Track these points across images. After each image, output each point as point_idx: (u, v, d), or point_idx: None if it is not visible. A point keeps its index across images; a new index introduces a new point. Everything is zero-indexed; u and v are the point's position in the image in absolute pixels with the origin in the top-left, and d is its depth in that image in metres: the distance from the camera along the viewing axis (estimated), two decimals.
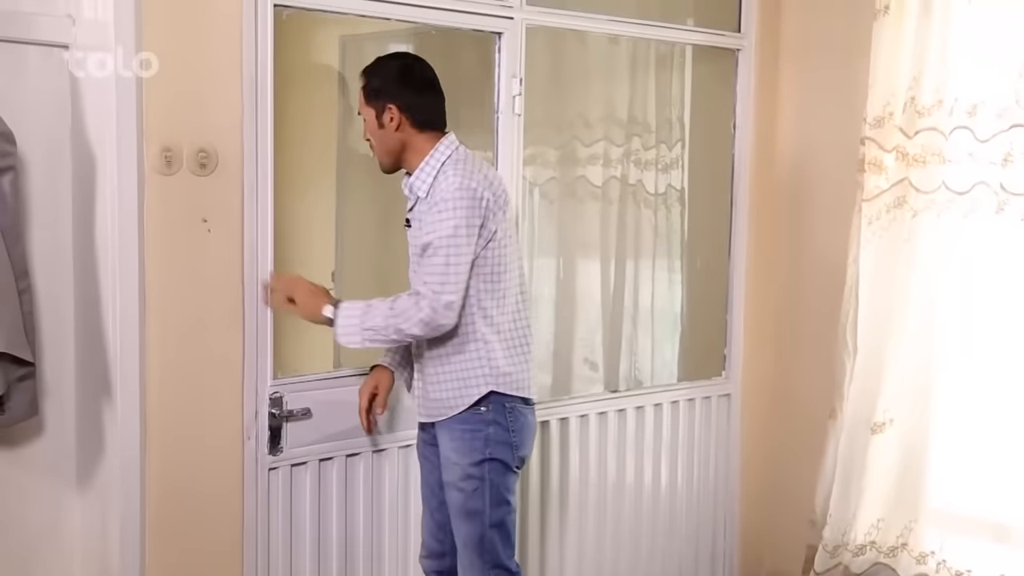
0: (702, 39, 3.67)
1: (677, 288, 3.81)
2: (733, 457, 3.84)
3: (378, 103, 2.60)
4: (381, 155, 2.66)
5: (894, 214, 3.30)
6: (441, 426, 2.68)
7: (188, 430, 2.65)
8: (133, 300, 2.52)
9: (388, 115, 2.59)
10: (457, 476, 2.65)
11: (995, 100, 3.08)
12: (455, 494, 2.66)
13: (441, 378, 2.65)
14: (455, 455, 2.65)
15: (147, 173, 2.53)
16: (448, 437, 2.66)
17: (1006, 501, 3.13)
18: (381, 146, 2.64)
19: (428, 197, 2.58)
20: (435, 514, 2.79)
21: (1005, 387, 3.14)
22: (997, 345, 3.16)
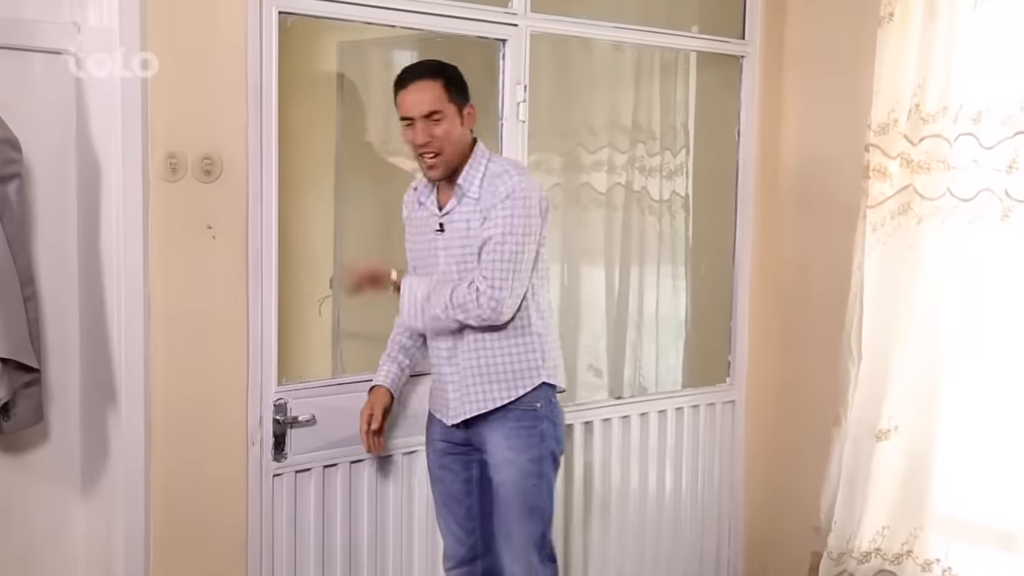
0: (706, 46, 3.67)
1: (681, 294, 3.81)
2: (737, 464, 3.83)
3: (462, 100, 2.59)
4: (454, 157, 2.58)
5: (899, 221, 3.29)
6: (488, 425, 2.65)
7: (192, 437, 2.65)
8: (138, 307, 2.53)
9: (467, 113, 2.60)
10: (516, 474, 2.63)
11: (1000, 107, 3.07)
12: (512, 493, 2.63)
13: (491, 371, 2.63)
14: (511, 452, 2.63)
15: (152, 180, 2.53)
16: (502, 435, 2.64)
17: (1012, 508, 3.12)
18: (456, 147, 2.58)
19: (480, 197, 2.57)
20: (463, 522, 2.77)
21: (1011, 394, 3.12)
22: (1002, 352, 3.15)
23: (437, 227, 2.64)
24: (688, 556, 3.73)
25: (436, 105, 2.54)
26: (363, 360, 3.30)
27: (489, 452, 2.67)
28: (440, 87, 2.55)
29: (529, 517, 2.65)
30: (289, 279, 2.92)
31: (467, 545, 2.79)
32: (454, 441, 2.75)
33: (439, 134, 2.55)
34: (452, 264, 2.63)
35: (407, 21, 2.95)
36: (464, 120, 2.59)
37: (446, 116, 2.55)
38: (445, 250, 2.64)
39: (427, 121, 2.54)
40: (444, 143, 2.56)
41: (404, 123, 2.59)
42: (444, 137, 2.55)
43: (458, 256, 2.61)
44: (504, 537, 2.67)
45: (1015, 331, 3.12)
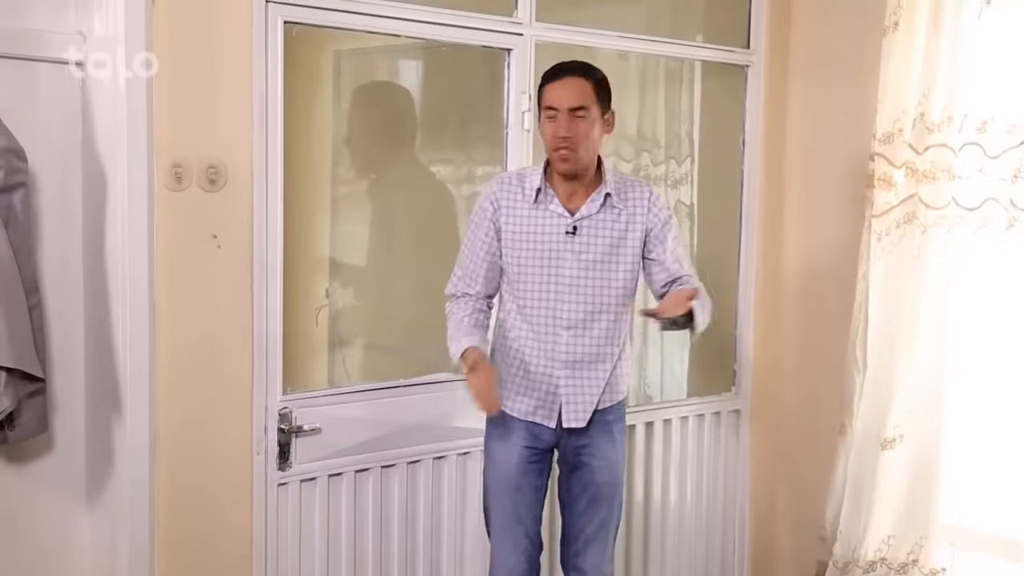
0: (711, 55, 3.67)
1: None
2: (743, 472, 3.82)
3: (606, 105, 2.65)
4: (587, 155, 2.62)
5: (904, 230, 3.28)
6: (596, 427, 2.72)
7: (197, 446, 2.65)
8: (143, 316, 2.53)
9: (607, 119, 2.66)
10: (618, 473, 2.80)
11: (1005, 116, 3.07)
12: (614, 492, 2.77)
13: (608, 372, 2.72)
14: (613, 453, 2.77)
15: (157, 189, 2.54)
16: (608, 438, 2.75)
17: (1018, 518, 3.11)
18: (591, 148, 2.63)
19: (623, 208, 2.68)
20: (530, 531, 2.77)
21: (1016, 402, 3.12)
22: (1008, 361, 3.14)
23: (569, 229, 2.66)
24: (694, 565, 3.72)
25: (583, 101, 2.58)
26: (367, 369, 3.31)
27: (594, 454, 2.74)
28: (590, 86, 2.61)
29: (618, 511, 2.82)
30: (293, 288, 2.92)
31: (528, 554, 2.77)
32: (541, 447, 2.75)
33: (581, 130, 2.59)
34: (583, 267, 2.66)
35: (412, 31, 2.95)
36: (604, 124, 2.66)
37: (590, 114, 2.59)
38: (575, 253, 2.66)
39: (572, 115, 2.58)
40: (582, 140, 2.59)
41: (547, 115, 2.62)
42: (583, 135, 2.59)
43: (594, 259, 2.66)
44: (603, 535, 2.77)
45: (1021, 340, 3.11)
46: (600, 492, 2.75)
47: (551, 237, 2.66)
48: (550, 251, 2.66)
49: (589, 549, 2.77)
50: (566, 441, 2.74)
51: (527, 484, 2.74)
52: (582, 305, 2.66)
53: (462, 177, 3.48)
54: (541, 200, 2.67)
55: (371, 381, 3.01)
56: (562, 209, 2.66)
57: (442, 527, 3.10)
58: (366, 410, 2.90)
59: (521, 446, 2.73)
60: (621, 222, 2.67)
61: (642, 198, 2.70)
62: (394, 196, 3.44)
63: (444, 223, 3.38)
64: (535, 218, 2.67)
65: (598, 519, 2.76)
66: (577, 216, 2.66)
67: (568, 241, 2.65)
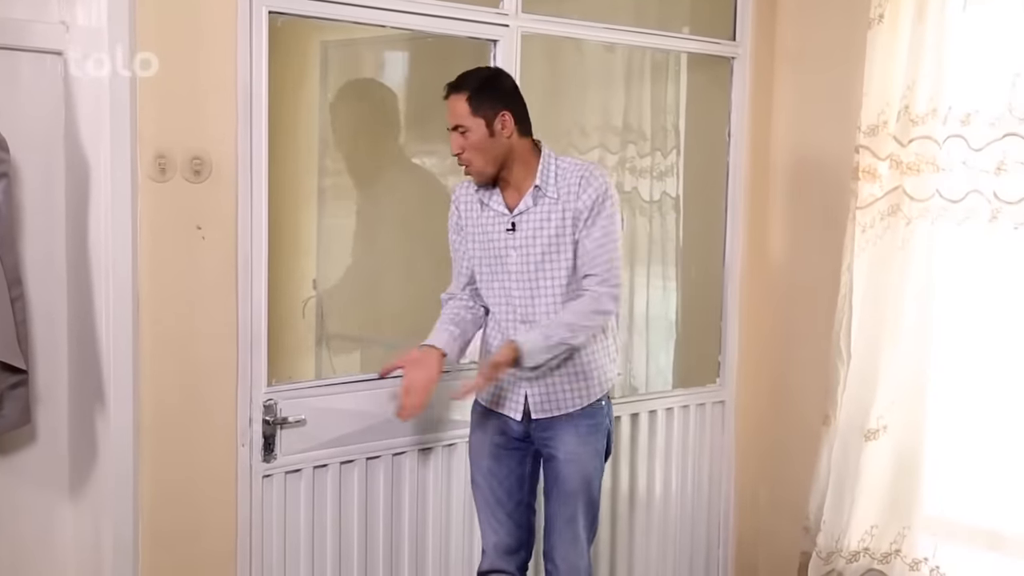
0: (697, 47, 3.67)
1: (672, 295, 3.82)
2: (727, 464, 3.84)
3: (490, 111, 2.64)
4: (486, 165, 2.67)
5: (888, 222, 3.30)
6: (560, 421, 2.74)
7: (182, 438, 2.64)
8: (126, 307, 2.52)
9: (500, 122, 2.65)
10: (583, 468, 2.75)
11: (989, 109, 3.08)
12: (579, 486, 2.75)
13: (576, 373, 2.72)
14: (580, 447, 2.75)
15: (141, 180, 2.52)
16: (573, 432, 2.75)
17: (1000, 508, 3.13)
18: (488, 155, 2.66)
19: (559, 196, 2.67)
20: (514, 515, 2.84)
21: (999, 394, 3.14)
22: (991, 352, 3.16)
23: (508, 227, 2.70)
24: (679, 555, 3.74)
25: (458, 120, 2.65)
26: (352, 361, 3.31)
27: (558, 447, 2.76)
28: (463, 101, 2.64)
29: (589, 506, 2.79)
30: (279, 280, 2.92)
31: (515, 537, 2.86)
32: (513, 436, 2.80)
33: (466, 146, 2.65)
34: (525, 262, 2.70)
35: (398, 21, 2.94)
36: (496, 129, 2.65)
37: (470, 129, 2.64)
38: (517, 248, 2.70)
39: (455, 133, 2.66)
40: (472, 154, 2.66)
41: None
42: (471, 148, 2.65)
43: (533, 253, 2.69)
44: (571, 529, 2.78)
45: (1004, 332, 3.13)
46: (566, 486, 2.76)
47: (497, 235, 2.73)
48: (497, 249, 2.73)
49: (560, 542, 2.79)
50: (534, 433, 2.78)
51: (502, 471, 2.82)
52: (531, 299, 2.71)
53: (447, 169, 3.47)
54: (485, 202, 2.74)
55: (357, 373, 3.01)
56: (503, 207, 2.72)
57: (427, 519, 3.10)
58: (351, 402, 2.89)
59: (492, 434, 2.82)
60: (557, 211, 2.67)
61: (575, 183, 2.67)
62: (381, 188, 3.44)
63: (431, 215, 3.37)
64: (483, 218, 2.76)
65: (566, 513, 2.77)
66: (515, 212, 2.70)
67: (510, 237, 2.71)
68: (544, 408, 2.75)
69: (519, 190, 2.72)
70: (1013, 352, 3.11)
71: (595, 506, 2.83)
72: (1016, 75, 3.01)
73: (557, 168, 2.71)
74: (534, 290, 2.71)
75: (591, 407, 2.77)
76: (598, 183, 2.67)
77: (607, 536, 3.53)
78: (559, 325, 2.65)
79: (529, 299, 2.71)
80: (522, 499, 2.84)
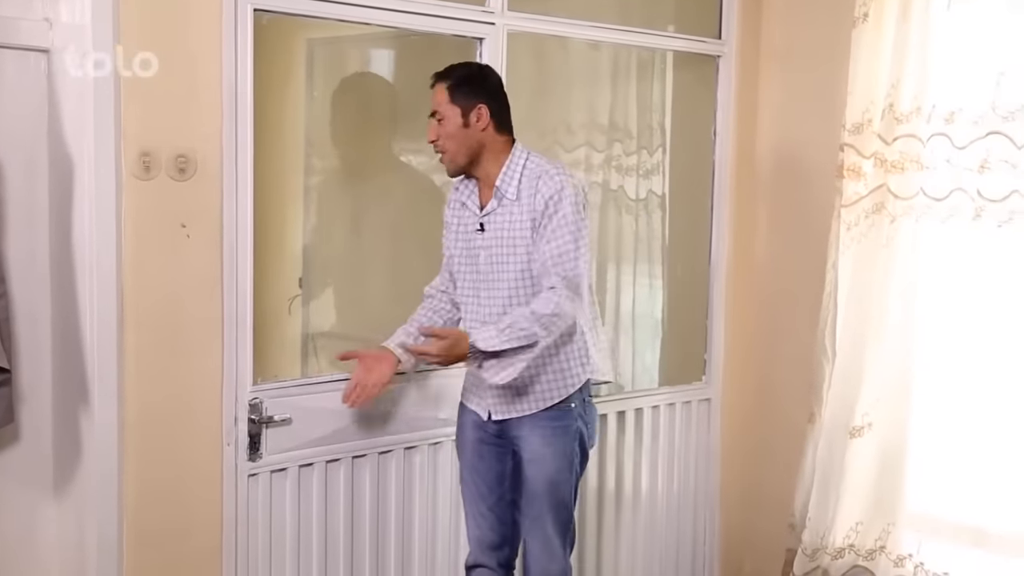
0: (683, 45, 3.68)
1: (658, 293, 3.82)
2: (713, 461, 3.85)
3: (467, 102, 2.65)
4: (457, 155, 2.68)
5: (873, 220, 3.31)
6: (523, 422, 2.73)
7: (166, 437, 2.63)
8: (111, 306, 2.51)
9: (476, 115, 2.66)
10: (549, 469, 2.73)
11: (972, 107, 3.09)
12: (544, 488, 2.73)
13: (535, 376, 2.70)
14: (545, 448, 2.73)
15: (125, 178, 2.51)
16: (537, 433, 2.73)
17: (983, 505, 3.15)
18: (461, 146, 2.67)
19: (519, 197, 2.66)
20: (496, 509, 2.84)
21: (983, 391, 3.16)
22: (975, 350, 3.18)
23: (478, 227, 2.72)
24: (665, 553, 3.75)
25: (437, 106, 2.67)
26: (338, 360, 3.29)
27: (523, 447, 2.75)
28: (444, 89, 2.67)
29: (557, 508, 2.76)
30: (265, 278, 2.91)
31: (498, 532, 2.86)
32: (489, 432, 2.81)
33: (441, 133, 2.67)
34: (491, 263, 2.71)
35: (383, 19, 2.94)
36: (471, 121, 2.65)
37: (446, 116, 2.66)
38: (485, 249, 2.72)
39: (433, 120, 2.68)
40: (446, 142, 2.67)
41: None
42: (445, 136, 2.67)
43: (497, 254, 2.70)
44: (538, 530, 2.76)
45: (987, 329, 3.15)
46: (530, 486, 2.74)
47: (470, 235, 2.75)
48: (470, 248, 2.75)
49: (531, 543, 2.78)
50: (504, 432, 2.78)
51: (483, 466, 2.82)
52: (496, 299, 2.71)
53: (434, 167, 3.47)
54: (465, 200, 2.77)
55: (342, 372, 3.00)
56: (477, 208, 2.74)
57: (413, 517, 3.10)
58: (337, 401, 2.88)
59: (472, 431, 2.83)
60: (519, 212, 2.67)
61: (533, 183, 2.65)
62: (368, 186, 3.43)
63: (418, 213, 3.38)
64: (462, 218, 2.79)
65: (532, 513, 2.76)
66: (483, 212, 2.72)
67: (480, 237, 2.72)
68: (501, 409, 2.74)
69: (491, 190, 2.72)
70: (996, 350, 3.12)
71: (565, 509, 2.78)
72: (1000, 74, 3.03)
73: (525, 168, 2.69)
74: (500, 290, 2.70)
75: (557, 409, 2.72)
76: (554, 182, 2.63)
77: (594, 533, 3.54)
78: (518, 314, 2.58)
79: (495, 299, 2.71)
80: (503, 495, 2.83)
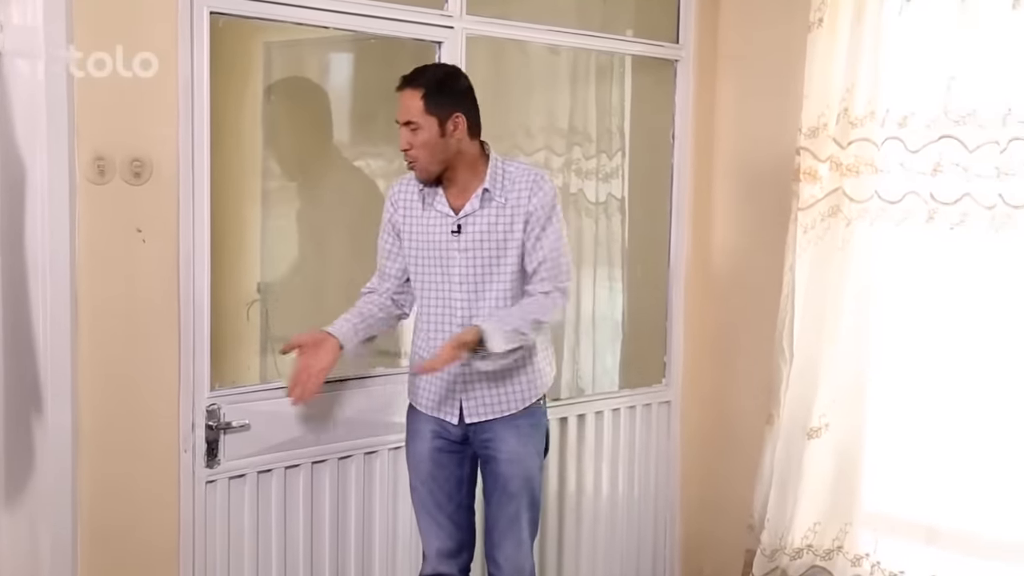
0: (641, 50, 3.70)
1: (618, 296, 3.84)
2: (673, 463, 3.87)
3: (443, 112, 2.62)
4: (432, 164, 2.65)
5: (829, 223, 3.35)
6: (501, 422, 2.74)
7: (122, 444, 2.60)
8: (64, 311, 2.48)
9: (453, 124, 2.63)
10: (525, 467, 2.76)
11: (925, 111, 3.14)
12: (522, 486, 2.75)
13: (512, 375, 2.72)
14: (522, 448, 2.76)
15: (79, 182, 2.48)
16: (513, 433, 2.74)
17: (937, 504, 3.19)
18: (436, 155, 2.64)
19: (506, 201, 2.67)
20: (454, 516, 2.83)
21: (936, 391, 3.20)
22: (928, 351, 3.22)
23: (454, 229, 2.69)
24: (625, 555, 3.76)
25: (411, 116, 2.62)
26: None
27: (499, 448, 2.75)
28: (418, 98, 2.61)
29: (531, 506, 2.80)
30: (223, 283, 2.88)
31: (456, 540, 2.85)
32: (451, 439, 2.79)
33: (415, 143, 2.63)
34: (471, 265, 2.69)
35: (341, 23, 2.93)
36: (447, 130, 2.63)
37: (422, 127, 2.61)
38: (462, 251, 2.69)
39: (406, 129, 2.63)
40: (420, 151, 2.63)
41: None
42: (420, 146, 2.63)
43: (480, 256, 2.68)
44: (515, 529, 2.78)
45: (941, 330, 3.19)
46: (508, 486, 2.76)
47: (440, 237, 2.71)
48: (440, 250, 2.71)
49: (503, 542, 2.79)
50: (473, 436, 2.78)
51: (442, 475, 2.80)
52: (473, 302, 2.70)
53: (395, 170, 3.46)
54: (428, 201, 2.72)
55: None
56: (448, 208, 2.71)
57: (374, 522, 3.09)
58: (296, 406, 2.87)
59: (431, 439, 2.80)
60: (505, 215, 2.67)
61: (525, 187, 2.67)
62: (326, 191, 3.42)
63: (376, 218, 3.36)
64: (425, 218, 2.73)
65: (508, 513, 2.77)
66: (460, 214, 2.69)
67: (455, 240, 2.69)
68: (479, 412, 2.74)
69: (465, 192, 2.70)
70: (949, 350, 3.17)
71: (537, 506, 2.84)
72: (951, 78, 3.07)
73: (504, 172, 2.70)
74: (479, 293, 2.69)
75: (531, 408, 2.77)
76: (548, 187, 2.69)
77: (554, 537, 3.55)
78: (517, 316, 2.64)
79: (473, 301, 2.70)
80: (462, 502, 2.84)
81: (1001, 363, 3.07)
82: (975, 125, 3.03)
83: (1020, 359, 3.04)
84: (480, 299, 2.70)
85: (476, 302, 2.70)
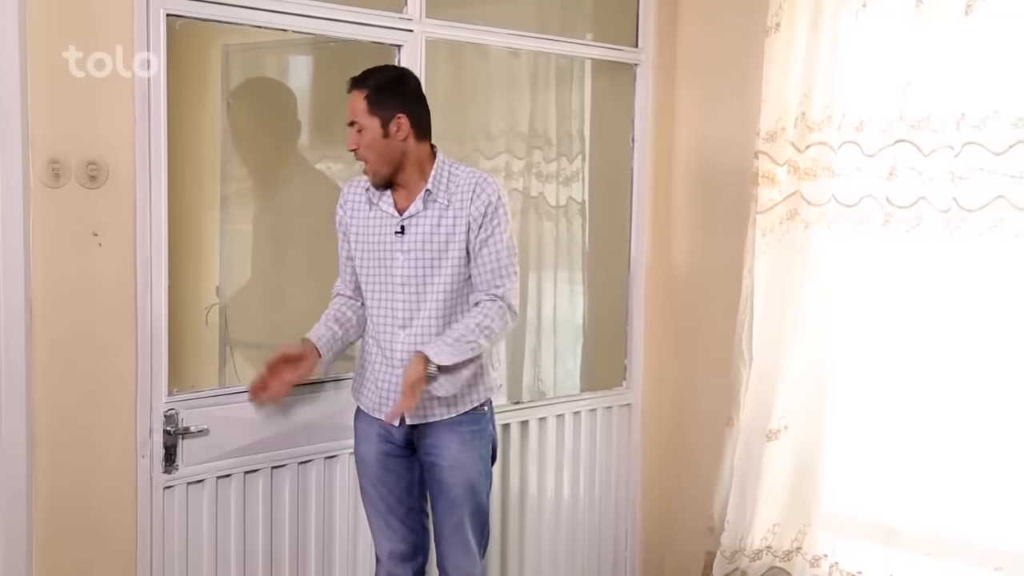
0: (601, 54, 3.71)
1: (579, 299, 3.85)
2: (634, 466, 3.88)
3: (385, 113, 2.62)
4: (379, 166, 2.66)
5: (787, 226, 3.38)
6: (440, 428, 2.72)
7: (78, 450, 2.57)
8: (19, 316, 2.44)
9: (396, 125, 2.63)
10: (468, 473, 2.75)
11: (881, 115, 3.17)
12: (465, 492, 2.75)
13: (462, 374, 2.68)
14: (465, 453, 2.75)
15: (33, 186, 2.45)
16: (455, 439, 2.74)
17: (894, 505, 3.22)
18: (382, 157, 2.65)
19: (449, 203, 2.66)
20: (406, 520, 2.83)
21: (893, 393, 3.23)
22: (885, 353, 3.26)
23: (397, 229, 2.69)
24: (586, 557, 3.77)
25: (355, 116, 2.64)
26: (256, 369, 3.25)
27: (441, 454, 2.74)
28: (362, 99, 2.63)
29: (477, 512, 2.79)
30: (181, 287, 2.86)
31: (410, 543, 2.85)
32: (396, 443, 2.78)
33: (360, 143, 2.65)
34: (412, 265, 2.69)
35: (300, 25, 2.91)
36: (391, 131, 2.63)
37: (366, 127, 2.63)
38: (405, 252, 2.69)
39: (352, 129, 2.66)
40: (367, 152, 2.65)
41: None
42: (365, 146, 2.65)
43: (422, 258, 2.68)
44: (460, 536, 2.77)
45: (898, 332, 3.23)
46: (451, 493, 2.75)
47: (384, 237, 2.72)
48: (383, 251, 2.72)
49: (450, 550, 2.79)
50: (417, 440, 2.77)
51: (391, 478, 2.80)
52: (413, 304, 2.70)
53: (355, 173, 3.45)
54: (375, 202, 2.73)
55: None
56: (393, 209, 2.72)
57: (334, 527, 3.07)
58: (256, 410, 2.85)
59: (378, 442, 2.80)
60: (449, 217, 2.68)
61: (468, 190, 2.68)
62: (285, 194, 3.40)
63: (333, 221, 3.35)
64: (371, 219, 2.75)
65: (453, 520, 2.77)
66: (404, 215, 2.70)
67: (398, 240, 2.70)
68: (419, 413, 2.71)
69: (411, 194, 2.70)
70: (906, 352, 3.20)
71: (483, 512, 2.83)
72: (907, 83, 3.11)
73: (450, 174, 2.70)
74: (420, 295, 2.69)
75: (474, 412, 2.76)
76: (491, 190, 2.68)
77: (516, 541, 3.55)
78: (459, 327, 2.65)
79: (415, 303, 2.70)
80: (413, 505, 2.83)
81: (957, 364, 3.11)
82: (929, 129, 3.07)
83: (976, 359, 3.08)
84: (422, 300, 2.69)
85: (417, 303, 2.69)
